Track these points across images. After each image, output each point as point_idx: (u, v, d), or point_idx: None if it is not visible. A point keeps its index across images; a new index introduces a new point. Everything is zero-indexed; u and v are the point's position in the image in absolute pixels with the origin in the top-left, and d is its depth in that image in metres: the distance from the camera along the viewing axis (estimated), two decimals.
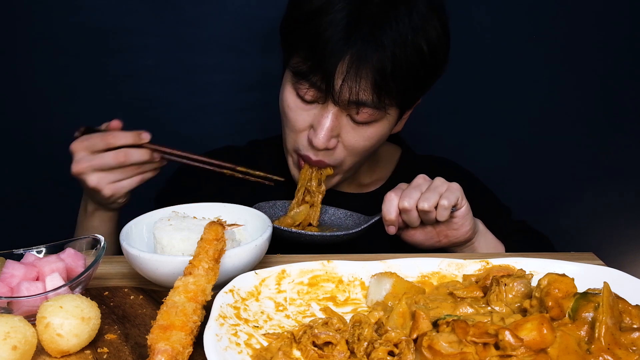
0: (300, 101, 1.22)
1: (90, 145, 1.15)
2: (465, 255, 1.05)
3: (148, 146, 1.18)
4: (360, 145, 1.24)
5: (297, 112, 1.23)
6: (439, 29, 1.19)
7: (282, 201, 1.32)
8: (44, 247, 0.94)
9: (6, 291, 0.84)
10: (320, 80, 1.16)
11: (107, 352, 0.78)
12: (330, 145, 1.22)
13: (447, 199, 1.13)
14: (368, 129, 1.23)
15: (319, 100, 1.20)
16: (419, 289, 0.91)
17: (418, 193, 1.15)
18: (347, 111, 1.20)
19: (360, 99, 1.16)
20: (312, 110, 1.22)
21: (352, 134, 1.23)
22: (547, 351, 0.71)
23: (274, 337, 0.79)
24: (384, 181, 1.47)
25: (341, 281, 0.93)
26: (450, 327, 0.75)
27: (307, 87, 1.19)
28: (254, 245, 0.94)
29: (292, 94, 1.23)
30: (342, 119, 1.21)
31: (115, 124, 1.20)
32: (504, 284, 0.85)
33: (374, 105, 1.18)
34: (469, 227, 1.20)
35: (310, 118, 1.23)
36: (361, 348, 0.75)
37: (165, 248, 0.98)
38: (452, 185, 1.16)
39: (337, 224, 1.31)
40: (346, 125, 1.22)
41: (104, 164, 1.14)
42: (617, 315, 0.75)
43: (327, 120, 1.19)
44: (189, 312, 0.76)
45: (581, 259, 1.04)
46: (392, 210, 1.16)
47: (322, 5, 1.15)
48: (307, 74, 1.17)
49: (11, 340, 0.71)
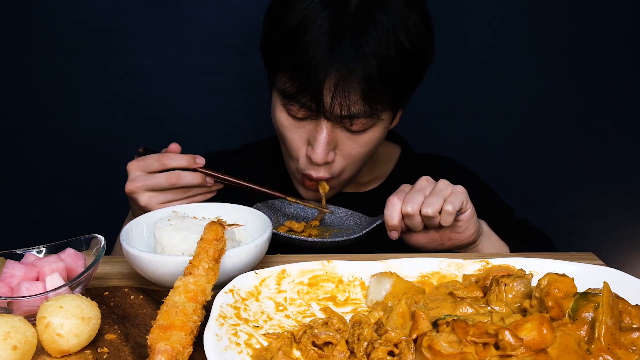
0: (293, 119, 1.23)
1: (146, 166, 1.18)
2: (465, 255, 1.05)
3: (202, 170, 1.20)
4: (358, 153, 1.25)
5: (292, 131, 1.24)
6: (418, 23, 1.18)
7: (280, 201, 1.32)
8: (44, 247, 0.94)
9: (6, 291, 0.84)
10: (309, 100, 1.16)
11: (107, 352, 0.78)
12: (329, 159, 1.22)
13: (451, 204, 1.11)
14: (364, 135, 1.23)
15: (311, 117, 1.21)
16: (419, 289, 0.91)
17: (422, 197, 1.12)
18: (340, 124, 1.20)
19: (352, 112, 1.16)
20: (307, 127, 1.22)
21: (349, 144, 1.23)
22: (547, 351, 0.71)
23: (274, 337, 0.79)
24: (383, 179, 1.47)
25: (341, 281, 0.93)
26: (450, 327, 0.75)
27: (298, 107, 1.19)
28: (254, 245, 0.94)
29: (283, 112, 1.24)
30: (337, 131, 1.21)
31: (174, 147, 1.23)
32: (504, 284, 0.85)
33: (366, 115, 1.18)
34: (473, 230, 1.18)
35: (306, 134, 1.23)
36: (361, 348, 0.75)
37: (165, 248, 0.98)
38: (457, 189, 1.14)
39: (338, 223, 1.31)
40: (342, 136, 1.22)
41: (156, 184, 1.17)
42: (617, 315, 0.75)
43: (323, 136, 1.19)
44: (189, 312, 0.76)
45: (581, 259, 1.04)
46: (395, 215, 1.13)
47: (300, 23, 1.14)
48: (295, 95, 1.18)
49: (11, 340, 0.71)
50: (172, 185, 1.17)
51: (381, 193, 1.42)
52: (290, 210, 1.33)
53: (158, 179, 1.17)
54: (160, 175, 1.17)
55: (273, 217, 1.29)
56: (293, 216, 1.32)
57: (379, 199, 1.21)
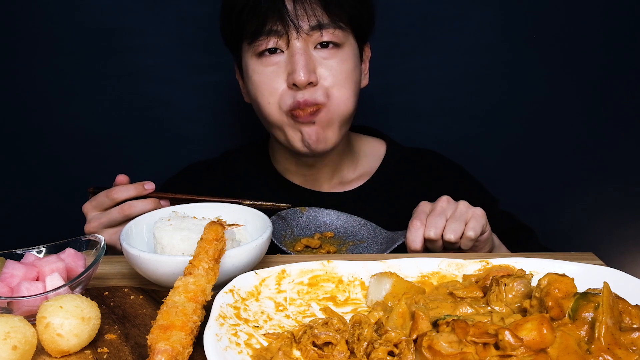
0: (265, 57, 1.25)
1: (98, 205, 1.20)
2: (465, 255, 1.05)
3: (153, 195, 1.21)
4: (338, 70, 1.26)
5: (266, 74, 1.26)
6: None
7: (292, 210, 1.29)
8: (44, 247, 0.94)
9: (6, 291, 0.84)
10: (274, 23, 1.21)
11: (107, 352, 0.78)
12: (312, 78, 1.23)
13: (473, 230, 1.12)
14: (337, 52, 1.26)
15: (282, 48, 1.24)
16: (419, 289, 0.91)
17: (443, 220, 1.13)
18: (312, 40, 1.24)
19: (319, 21, 1.22)
20: (280, 60, 1.25)
21: (326, 63, 1.25)
22: (547, 351, 0.71)
23: (274, 337, 0.79)
24: (368, 177, 1.46)
25: (341, 281, 0.93)
26: (450, 327, 0.75)
27: (266, 37, 1.23)
28: (254, 245, 0.94)
29: (254, 59, 1.27)
30: (309, 53, 1.24)
31: (120, 179, 1.24)
32: (504, 284, 0.85)
33: (332, 23, 1.23)
34: (489, 247, 1.20)
35: (281, 69, 1.25)
36: (361, 348, 0.75)
37: (165, 248, 0.98)
38: (477, 212, 1.15)
39: (351, 233, 1.28)
40: (317, 57, 1.25)
41: (111, 220, 1.18)
42: (617, 315, 0.75)
43: (299, 56, 1.22)
44: (189, 312, 0.76)
45: (581, 259, 1.04)
46: (418, 241, 1.13)
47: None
48: (260, 27, 1.22)
49: (11, 340, 0.71)
50: (126, 217, 1.16)
51: (367, 191, 1.43)
52: (302, 220, 1.30)
53: (111, 214, 1.18)
54: (113, 211, 1.18)
55: (286, 229, 1.26)
56: (305, 226, 1.30)
57: (366, 198, 1.20)
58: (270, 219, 1.17)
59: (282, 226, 1.25)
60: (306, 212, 1.29)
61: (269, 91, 1.26)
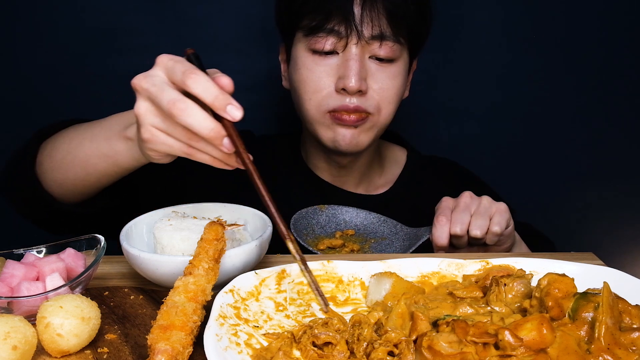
0: (318, 56, 1.23)
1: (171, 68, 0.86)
2: (465, 255, 1.05)
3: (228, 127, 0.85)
4: (389, 85, 1.25)
5: (317, 69, 1.24)
6: None
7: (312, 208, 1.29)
8: (44, 247, 0.94)
9: (6, 291, 0.84)
10: (337, 24, 1.19)
11: (107, 352, 0.78)
12: (363, 87, 1.21)
13: (498, 225, 1.12)
14: (391, 67, 1.25)
15: (338, 50, 1.22)
16: (419, 289, 0.91)
17: (468, 216, 1.13)
18: (369, 50, 1.22)
19: (383, 31, 1.19)
20: (333, 62, 1.23)
21: (378, 76, 1.24)
22: (547, 351, 0.71)
23: (274, 337, 0.79)
24: (392, 184, 1.46)
25: (341, 281, 0.93)
26: (450, 327, 0.75)
27: (325, 35, 1.20)
28: (254, 245, 0.94)
29: (307, 53, 1.24)
30: (365, 61, 1.22)
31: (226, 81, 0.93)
32: (504, 284, 0.85)
33: (393, 37, 1.21)
34: (511, 242, 1.20)
35: (334, 70, 1.23)
36: (361, 348, 0.75)
37: (165, 248, 0.98)
38: (500, 207, 1.15)
39: (372, 230, 1.28)
40: (371, 67, 1.23)
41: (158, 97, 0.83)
42: (617, 315, 0.75)
43: (354, 62, 1.20)
44: (189, 312, 0.76)
45: (581, 259, 1.04)
46: (444, 237, 1.14)
47: None
48: (322, 22, 1.19)
49: (11, 340, 0.71)
50: (169, 110, 0.80)
51: (392, 197, 1.43)
52: (322, 218, 1.29)
53: (165, 93, 0.82)
54: (169, 92, 0.82)
55: (307, 228, 1.26)
56: (325, 224, 1.29)
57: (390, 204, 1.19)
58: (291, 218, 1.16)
59: (304, 225, 1.24)
60: (325, 210, 1.29)
61: (313, 89, 1.25)
